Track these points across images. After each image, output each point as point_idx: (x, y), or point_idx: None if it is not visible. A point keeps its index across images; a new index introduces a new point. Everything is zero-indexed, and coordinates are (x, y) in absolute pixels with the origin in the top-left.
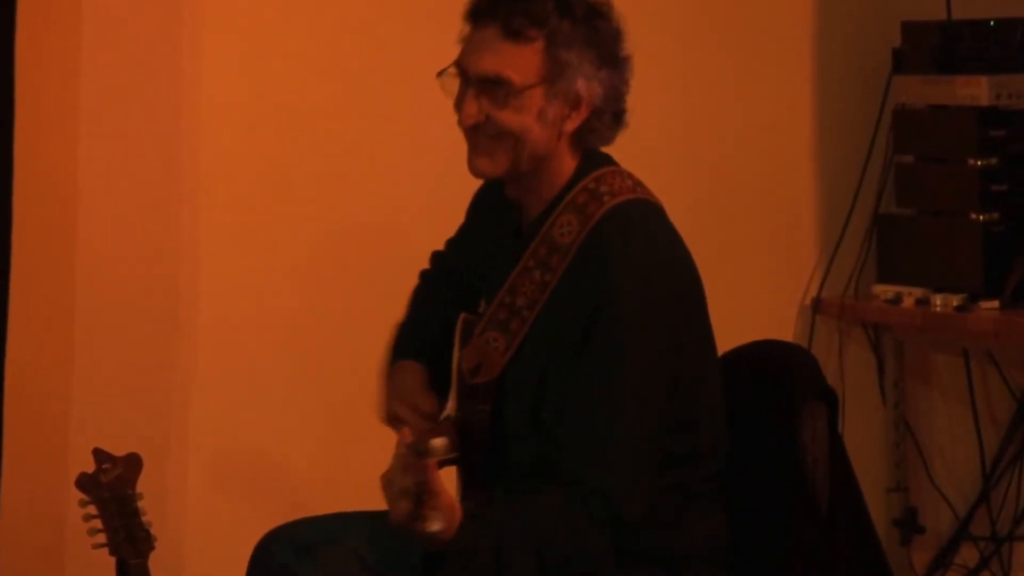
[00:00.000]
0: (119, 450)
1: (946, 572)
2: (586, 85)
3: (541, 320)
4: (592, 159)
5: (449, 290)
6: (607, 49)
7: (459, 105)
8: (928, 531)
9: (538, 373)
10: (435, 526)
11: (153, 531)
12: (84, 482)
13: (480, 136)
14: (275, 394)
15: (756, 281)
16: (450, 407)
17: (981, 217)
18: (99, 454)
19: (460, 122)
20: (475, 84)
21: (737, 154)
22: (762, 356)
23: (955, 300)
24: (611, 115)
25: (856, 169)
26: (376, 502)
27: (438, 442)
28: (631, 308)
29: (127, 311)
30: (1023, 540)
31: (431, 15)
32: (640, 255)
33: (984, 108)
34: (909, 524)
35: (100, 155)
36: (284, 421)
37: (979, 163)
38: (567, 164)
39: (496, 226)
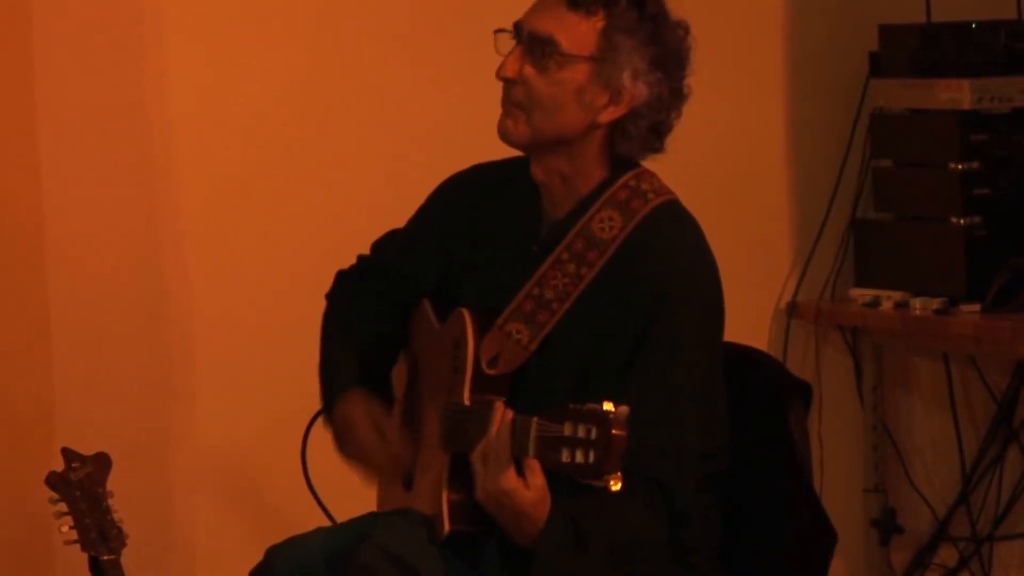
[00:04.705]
0: (107, 448)
1: (925, 572)
2: (632, 81)
3: (574, 313)
4: (626, 162)
5: (382, 302)
6: (665, 56)
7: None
8: (907, 532)
9: (574, 364)
10: (618, 484)
11: (132, 529)
12: (54, 481)
13: (512, 97)
14: (256, 392)
15: (730, 285)
16: (464, 398)
17: (963, 221)
18: (68, 453)
19: (497, 73)
20: (525, 41)
21: (712, 158)
22: (735, 357)
23: (935, 304)
24: (649, 126)
25: (832, 174)
26: (364, 504)
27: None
28: (697, 301)
29: (105, 312)
30: (1004, 540)
31: (402, 16)
32: (700, 250)
33: (966, 112)
34: (888, 524)
35: (62, 153)
36: (264, 420)
37: (960, 167)
38: (601, 159)
39: (495, 223)
